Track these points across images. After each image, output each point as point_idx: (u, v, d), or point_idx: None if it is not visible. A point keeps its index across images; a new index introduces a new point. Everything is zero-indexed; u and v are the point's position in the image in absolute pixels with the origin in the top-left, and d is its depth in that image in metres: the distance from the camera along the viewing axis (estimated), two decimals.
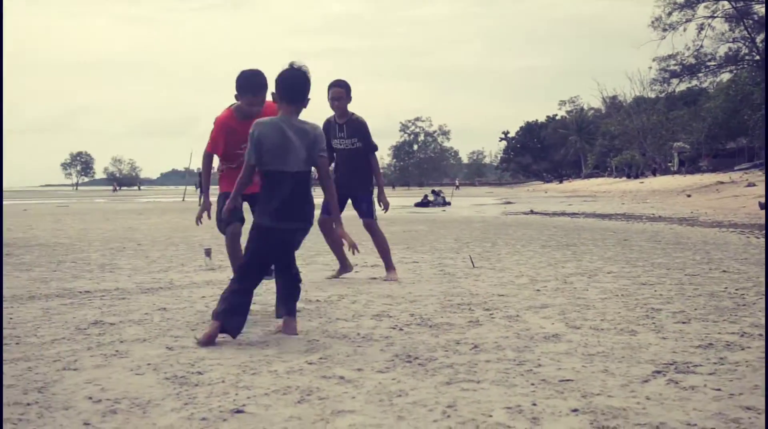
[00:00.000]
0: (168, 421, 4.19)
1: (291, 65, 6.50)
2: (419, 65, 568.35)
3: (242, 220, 7.92)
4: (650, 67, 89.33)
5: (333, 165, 10.31)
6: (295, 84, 6.44)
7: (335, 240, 10.46)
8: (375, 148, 10.53)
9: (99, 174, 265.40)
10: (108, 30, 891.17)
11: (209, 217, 8.35)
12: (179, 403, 4.55)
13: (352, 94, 10.25)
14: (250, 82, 7.51)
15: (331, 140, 10.24)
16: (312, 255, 13.68)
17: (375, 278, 10.45)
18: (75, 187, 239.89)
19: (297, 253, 7.15)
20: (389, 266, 10.52)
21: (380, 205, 10.76)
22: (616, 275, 10.60)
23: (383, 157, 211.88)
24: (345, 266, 10.65)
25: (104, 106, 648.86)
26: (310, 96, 6.53)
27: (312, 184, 6.91)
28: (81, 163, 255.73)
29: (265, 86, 7.49)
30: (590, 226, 23.54)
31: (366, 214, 10.56)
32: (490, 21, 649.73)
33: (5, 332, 6.74)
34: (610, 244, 15.94)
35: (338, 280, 10.36)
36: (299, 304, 7.26)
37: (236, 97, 7.63)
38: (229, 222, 7.81)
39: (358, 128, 10.30)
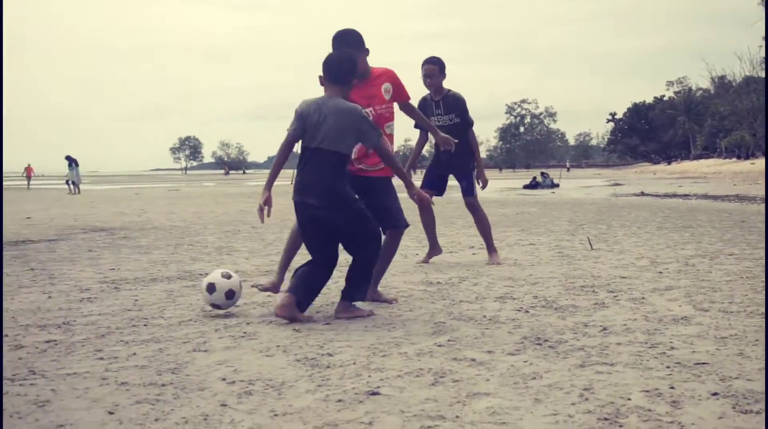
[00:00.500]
0: (304, 403, 4.18)
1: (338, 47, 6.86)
2: (524, 46, 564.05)
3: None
4: (760, 46, 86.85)
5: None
6: (334, 66, 6.54)
7: (427, 221, 10.34)
8: (471, 123, 10.28)
9: (207, 158, 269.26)
10: (217, 17, 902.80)
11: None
12: (313, 384, 4.55)
13: (448, 71, 10.01)
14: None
15: (429, 118, 9.82)
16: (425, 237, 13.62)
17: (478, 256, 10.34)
18: (184, 171, 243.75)
19: None
20: (491, 249, 10.27)
21: (479, 183, 10.57)
22: (738, 257, 10.35)
23: (489, 139, 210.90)
24: (435, 248, 10.50)
25: (213, 90, 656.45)
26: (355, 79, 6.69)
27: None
28: (189, 147, 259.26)
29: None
30: (704, 207, 23.10)
31: (467, 192, 10.35)
32: (596, 1, 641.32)
33: (131, 314, 6.84)
34: (728, 226, 15.59)
35: (457, 263, 10.25)
36: (414, 286, 7.22)
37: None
38: None
39: (455, 104, 10.07)
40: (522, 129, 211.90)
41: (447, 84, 10.09)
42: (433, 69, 9.95)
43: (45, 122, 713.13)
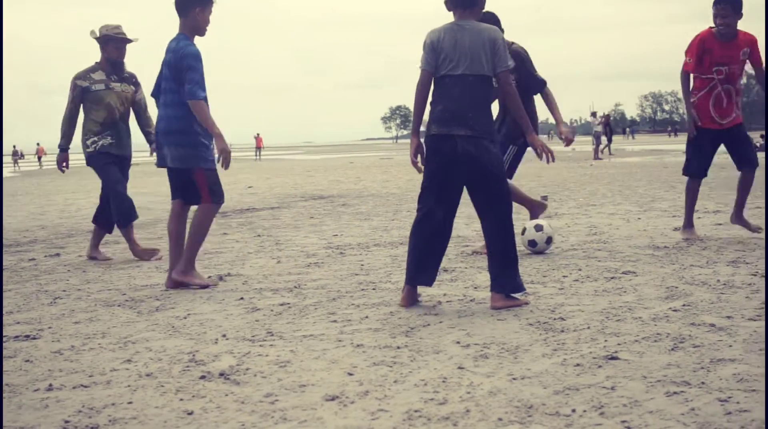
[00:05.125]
0: (542, 367, 4.12)
1: None
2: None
3: None
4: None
5: None
6: None
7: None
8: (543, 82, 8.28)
9: None
10: None
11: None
12: (548, 348, 4.48)
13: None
14: None
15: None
16: (648, 201, 13.30)
17: (720, 224, 9.97)
18: (395, 140, 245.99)
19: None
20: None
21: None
22: None
23: None
24: (535, 206, 8.64)
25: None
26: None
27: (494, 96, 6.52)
28: (400, 116, 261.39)
29: None
30: None
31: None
32: None
33: (359, 278, 6.91)
34: None
35: (679, 228, 9.65)
36: (641, 251, 6.99)
37: None
38: None
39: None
40: None
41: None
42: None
43: (260, 96, 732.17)
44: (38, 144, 74.38)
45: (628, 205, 12.76)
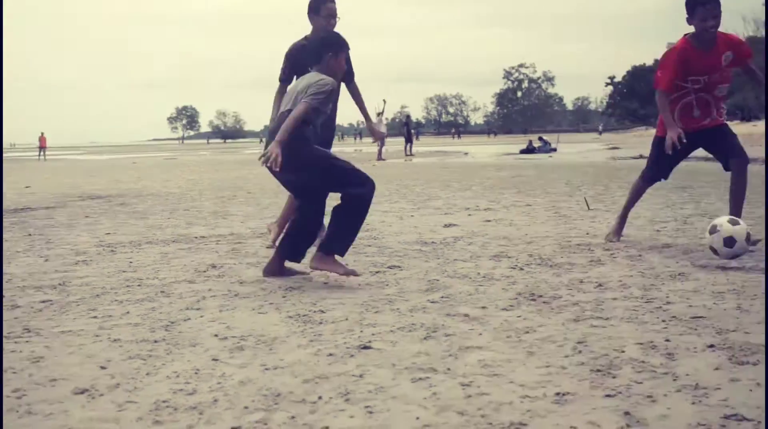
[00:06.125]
0: (295, 357, 4.16)
1: None
2: (521, 11, 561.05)
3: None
4: (764, 3, 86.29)
5: None
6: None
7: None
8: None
9: (204, 127, 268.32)
10: None
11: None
12: (305, 339, 4.53)
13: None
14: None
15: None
16: (423, 200, 13.59)
17: (489, 221, 10.30)
18: (181, 141, 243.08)
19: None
20: None
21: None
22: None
23: (486, 104, 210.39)
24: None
25: (213, 59, 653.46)
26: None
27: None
28: (186, 116, 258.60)
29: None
30: (706, 169, 23.04)
31: None
32: None
33: (126, 275, 6.82)
34: (728, 187, 15.48)
35: (452, 224, 10.10)
36: (409, 247, 7.19)
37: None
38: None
39: None
40: (520, 94, 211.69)
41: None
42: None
43: (43, 94, 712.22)
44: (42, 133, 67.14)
45: (403, 203, 13.01)
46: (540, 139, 50.66)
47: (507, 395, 3.51)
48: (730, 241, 6.56)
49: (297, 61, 7.83)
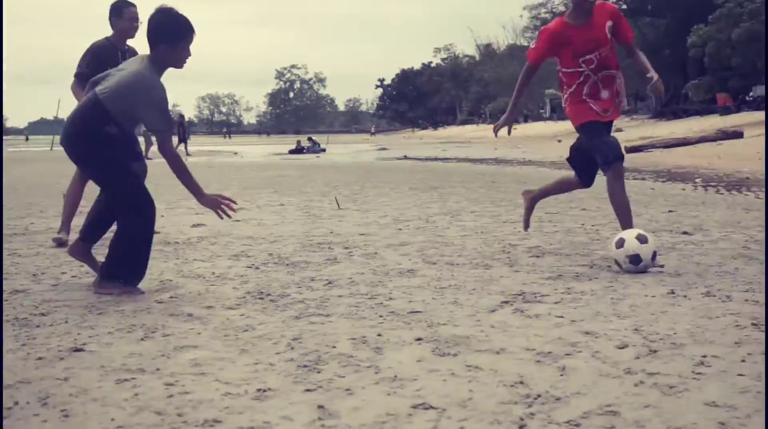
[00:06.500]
0: (4, 362, 4.07)
1: None
2: (293, 11, 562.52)
3: None
4: (521, 15, 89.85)
5: None
6: None
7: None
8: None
9: None
10: None
11: (508, 133, 7.56)
12: (17, 344, 4.43)
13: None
14: None
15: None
16: (176, 200, 13.49)
17: (239, 221, 10.29)
18: None
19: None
20: None
21: None
22: (479, 214, 10.69)
23: (259, 104, 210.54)
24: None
25: None
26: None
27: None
28: None
29: None
30: (461, 170, 23.78)
31: None
32: None
33: None
34: (477, 187, 16.07)
35: (200, 224, 10.04)
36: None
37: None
38: None
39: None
40: (292, 95, 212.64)
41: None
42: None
43: None
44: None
45: (157, 204, 12.83)
46: (309, 139, 50.93)
47: (209, 393, 3.56)
48: (635, 259, 6.38)
49: (100, 60, 7.90)
